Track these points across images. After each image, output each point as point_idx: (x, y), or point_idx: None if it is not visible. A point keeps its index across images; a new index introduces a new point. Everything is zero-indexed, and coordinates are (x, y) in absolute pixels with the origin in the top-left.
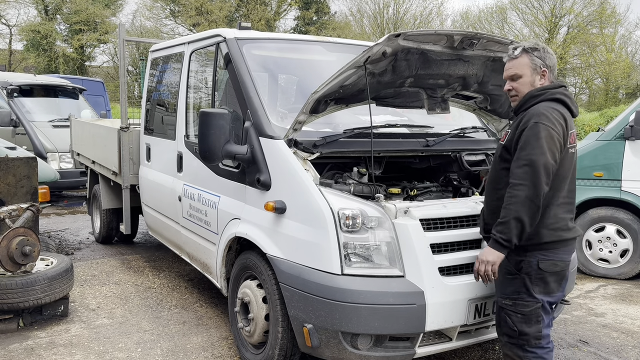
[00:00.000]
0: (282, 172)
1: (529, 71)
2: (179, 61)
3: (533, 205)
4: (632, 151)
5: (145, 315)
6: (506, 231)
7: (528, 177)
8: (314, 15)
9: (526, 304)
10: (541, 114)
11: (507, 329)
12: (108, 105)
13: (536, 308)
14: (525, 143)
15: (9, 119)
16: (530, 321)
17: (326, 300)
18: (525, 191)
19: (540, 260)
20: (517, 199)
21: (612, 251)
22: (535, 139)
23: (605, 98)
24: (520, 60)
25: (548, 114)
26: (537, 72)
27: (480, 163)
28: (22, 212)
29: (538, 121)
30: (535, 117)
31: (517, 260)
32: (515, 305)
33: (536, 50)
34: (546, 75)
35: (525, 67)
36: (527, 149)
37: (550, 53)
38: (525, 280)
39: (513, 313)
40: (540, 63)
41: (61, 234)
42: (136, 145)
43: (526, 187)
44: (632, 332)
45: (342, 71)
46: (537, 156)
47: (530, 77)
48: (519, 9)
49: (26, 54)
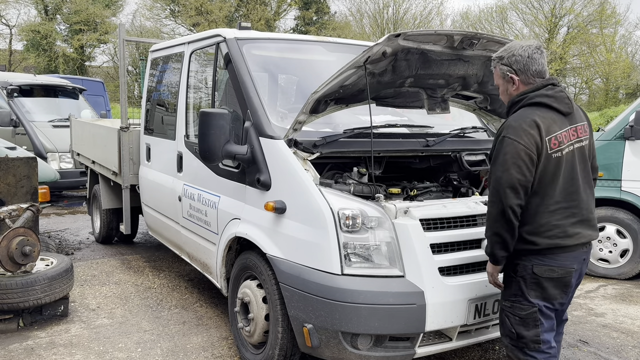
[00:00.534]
0: (282, 172)
1: (501, 80)
2: (179, 61)
3: (505, 221)
4: (632, 151)
5: (145, 315)
6: (489, 245)
7: (495, 193)
8: (314, 15)
9: (522, 307)
10: (509, 127)
11: (507, 331)
12: (108, 105)
13: (532, 312)
14: (493, 158)
15: (9, 119)
16: (528, 325)
17: (326, 300)
18: (495, 208)
19: (535, 265)
20: (490, 215)
21: (612, 251)
22: (502, 155)
23: (605, 98)
24: (495, 72)
25: (517, 125)
26: (506, 80)
27: (480, 163)
28: (22, 212)
29: (505, 135)
30: (504, 131)
31: (513, 263)
32: (513, 307)
33: (502, 58)
34: (515, 79)
35: (497, 77)
36: (495, 165)
37: (519, 54)
38: (521, 283)
39: (511, 315)
40: (506, 69)
41: (61, 234)
42: (136, 145)
43: (495, 204)
44: (632, 332)
45: (342, 71)
46: (500, 173)
47: (503, 85)
48: (519, 9)
49: (26, 54)
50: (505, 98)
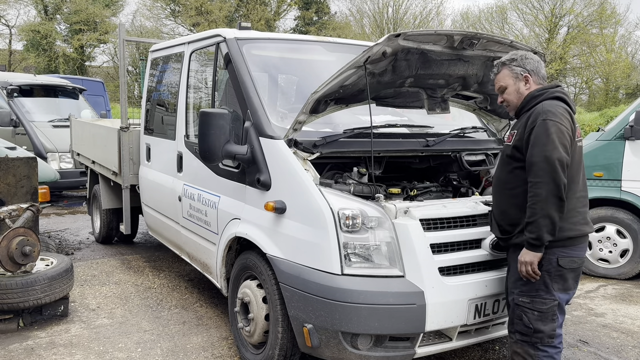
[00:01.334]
0: (282, 172)
1: (512, 80)
2: (179, 61)
3: (557, 199)
4: (632, 151)
5: (145, 315)
6: (535, 230)
7: (545, 173)
8: (314, 15)
9: (544, 301)
10: (547, 111)
11: (522, 327)
12: (108, 105)
13: (553, 306)
14: (536, 140)
15: (9, 119)
16: (547, 319)
17: (326, 300)
18: (545, 188)
19: (560, 257)
20: (540, 197)
21: (612, 251)
22: (546, 135)
23: (605, 98)
24: (502, 73)
25: (554, 110)
26: (520, 79)
27: (480, 163)
28: (22, 212)
29: (546, 118)
30: (542, 115)
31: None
32: (532, 302)
33: (514, 61)
34: (529, 79)
35: (507, 77)
36: (539, 146)
37: (530, 58)
38: (545, 277)
39: (530, 310)
40: (520, 70)
41: (61, 234)
42: (136, 145)
43: (546, 184)
44: (632, 332)
45: (342, 71)
46: (550, 152)
47: (513, 85)
48: (519, 9)
49: (26, 54)
50: (514, 97)
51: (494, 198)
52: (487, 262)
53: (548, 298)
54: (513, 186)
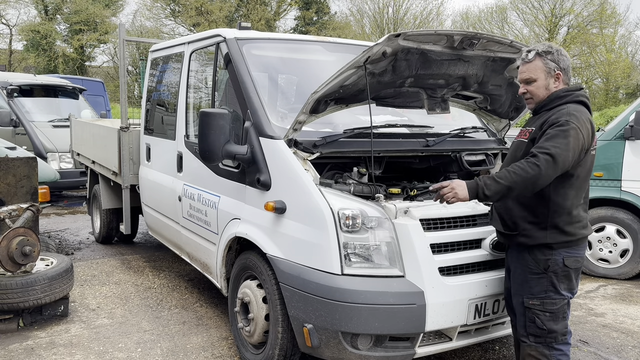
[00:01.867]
0: (282, 172)
1: (543, 75)
2: (179, 61)
3: (532, 188)
4: (632, 151)
5: (145, 315)
6: (492, 188)
7: (545, 165)
8: (314, 15)
9: (554, 301)
10: (572, 115)
11: (535, 329)
12: (108, 105)
13: (563, 305)
14: (553, 135)
15: (9, 119)
16: (558, 318)
17: (326, 300)
18: (536, 173)
19: (565, 258)
20: (524, 175)
21: (612, 251)
22: (564, 136)
23: (605, 98)
24: (534, 64)
25: (579, 116)
26: (551, 75)
27: (480, 163)
28: (22, 212)
29: (569, 120)
30: (566, 116)
31: (544, 260)
32: (543, 304)
33: (549, 54)
34: (560, 77)
35: (539, 70)
36: (554, 141)
37: (565, 55)
38: (553, 278)
39: (541, 312)
40: (554, 66)
41: (61, 234)
42: (136, 145)
43: (538, 171)
44: (632, 332)
45: (342, 71)
46: (561, 151)
47: (544, 80)
48: (519, 9)
49: (26, 54)
50: (541, 92)
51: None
52: (487, 262)
53: (558, 298)
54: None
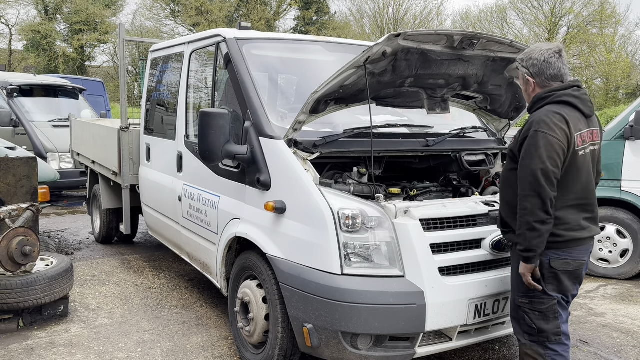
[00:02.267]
0: (282, 172)
1: (522, 82)
2: (179, 61)
3: (542, 213)
4: (632, 151)
5: (145, 315)
6: (523, 242)
7: (531, 187)
8: (314, 15)
9: (542, 301)
10: (541, 122)
11: (526, 327)
12: (108, 105)
13: (552, 305)
14: (526, 152)
15: (9, 119)
16: (548, 318)
17: (326, 300)
18: (531, 202)
19: (552, 259)
20: (526, 210)
21: (612, 251)
22: (535, 149)
23: (605, 98)
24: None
25: (548, 119)
26: (525, 83)
27: (480, 163)
28: (22, 212)
29: (537, 129)
30: (535, 125)
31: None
32: (531, 303)
33: (523, 61)
34: (530, 82)
35: (520, 79)
36: (527, 159)
37: (535, 58)
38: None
39: (530, 311)
40: (524, 72)
41: (61, 234)
42: (136, 145)
43: (532, 197)
44: (632, 332)
45: (342, 71)
46: (536, 165)
47: (524, 86)
48: (519, 9)
49: (26, 54)
50: (527, 98)
51: (499, 193)
52: (487, 262)
53: (546, 298)
54: (507, 185)
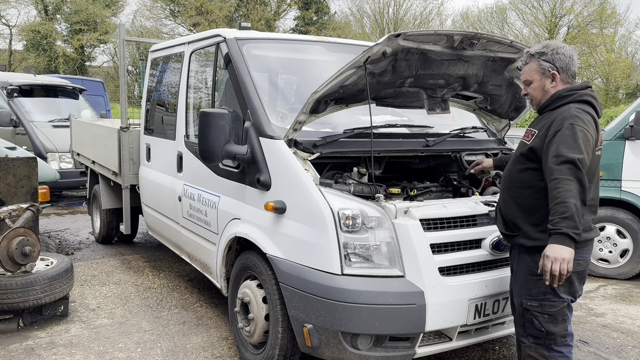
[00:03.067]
0: (282, 172)
1: (538, 76)
2: (179, 61)
3: (580, 202)
4: (632, 151)
5: (145, 315)
6: (573, 224)
7: (572, 173)
8: (314, 15)
9: (553, 304)
10: (575, 116)
11: (534, 330)
12: (108, 105)
13: (562, 308)
14: (562, 142)
15: (9, 119)
16: (557, 320)
17: (326, 300)
18: (574, 185)
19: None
20: (571, 192)
21: (612, 251)
22: (573, 140)
23: (605, 98)
24: (529, 66)
25: (582, 116)
26: (547, 76)
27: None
28: (22, 212)
29: (574, 123)
30: (570, 119)
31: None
32: (541, 306)
33: (543, 55)
34: (557, 76)
35: (533, 72)
36: (564, 147)
37: (562, 53)
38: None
39: (539, 314)
40: (548, 66)
41: (61, 234)
42: (136, 145)
43: (574, 182)
44: (632, 332)
45: (342, 71)
46: (575, 154)
47: (539, 81)
48: (518, 9)
49: (26, 54)
50: (538, 94)
51: (502, 193)
52: (487, 262)
53: (557, 300)
54: (523, 186)
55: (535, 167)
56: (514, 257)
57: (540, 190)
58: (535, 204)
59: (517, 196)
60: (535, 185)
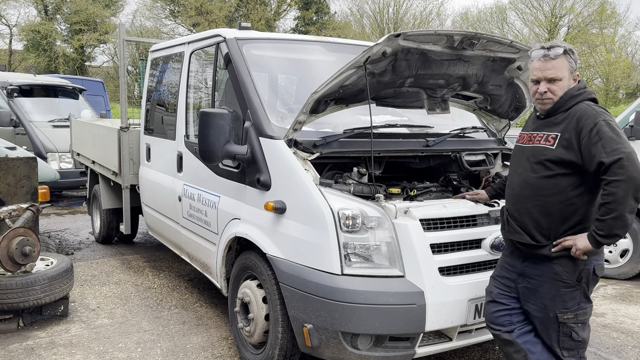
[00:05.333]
0: (282, 172)
1: (568, 74)
2: (179, 61)
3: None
4: None
5: (145, 315)
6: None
7: (625, 171)
8: (314, 15)
9: (585, 311)
10: (602, 112)
11: (570, 343)
12: (108, 105)
13: (590, 312)
14: (606, 140)
15: (9, 119)
16: (586, 326)
17: (326, 300)
18: (623, 187)
19: (595, 266)
20: (616, 196)
21: (612, 251)
22: (616, 134)
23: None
24: (560, 62)
25: (604, 111)
26: (572, 75)
27: (480, 163)
28: (22, 212)
29: (606, 119)
30: (600, 115)
31: (577, 270)
32: (577, 316)
33: (573, 53)
34: (576, 76)
35: (565, 69)
36: (613, 144)
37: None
38: (585, 288)
39: (576, 324)
40: (575, 66)
41: (61, 234)
42: (136, 145)
43: (624, 182)
44: (632, 332)
45: (342, 71)
46: (627, 148)
47: (567, 80)
48: (518, 9)
49: (26, 54)
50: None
51: (518, 204)
52: (487, 262)
53: (588, 306)
54: (552, 193)
55: (566, 172)
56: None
57: (573, 197)
58: (568, 210)
59: (544, 204)
60: (566, 191)
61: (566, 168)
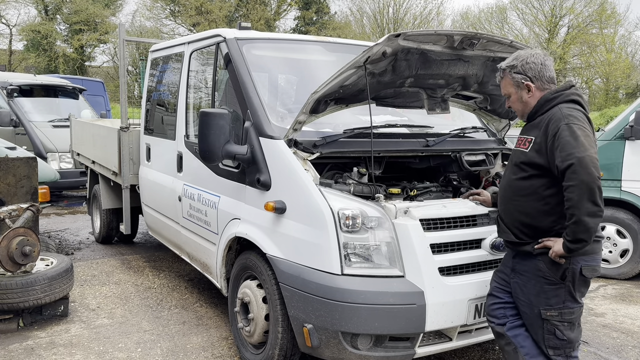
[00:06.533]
0: (282, 172)
1: (513, 89)
2: (179, 61)
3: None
4: (632, 151)
5: (145, 315)
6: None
7: (577, 177)
8: (314, 15)
9: (572, 310)
10: (568, 116)
11: (555, 342)
12: (108, 105)
13: (580, 313)
14: (564, 144)
15: (9, 119)
16: (574, 326)
17: (326, 300)
18: (577, 192)
19: (583, 267)
20: (572, 201)
21: (612, 251)
22: (574, 138)
23: (605, 98)
24: (504, 81)
25: (574, 113)
26: (522, 88)
27: (480, 163)
28: (22, 212)
29: (569, 122)
30: (564, 119)
31: (561, 269)
32: (561, 314)
33: (514, 67)
34: (532, 87)
35: (508, 86)
36: (569, 149)
37: (532, 62)
38: (570, 287)
39: (560, 323)
40: (520, 78)
41: (61, 234)
42: (136, 145)
43: (578, 187)
44: (632, 332)
45: (342, 71)
46: (581, 154)
47: (516, 94)
48: (518, 9)
49: (26, 54)
50: (519, 106)
51: (503, 204)
52: (487, 262)
53: (575, 306)
54: (526, 194)
55: (538, 173)
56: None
57: (547, 197)
58: (543, 210)
59: (522, 205)
60: (539, 192)
61: (538, 170)
